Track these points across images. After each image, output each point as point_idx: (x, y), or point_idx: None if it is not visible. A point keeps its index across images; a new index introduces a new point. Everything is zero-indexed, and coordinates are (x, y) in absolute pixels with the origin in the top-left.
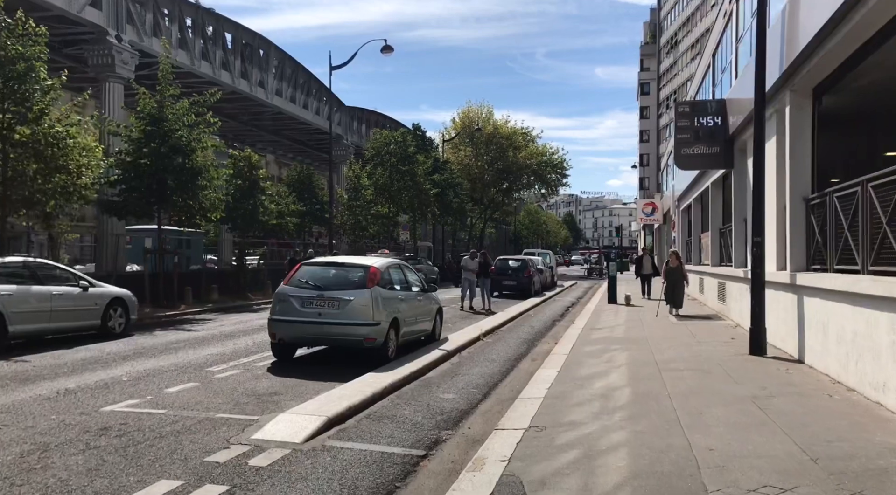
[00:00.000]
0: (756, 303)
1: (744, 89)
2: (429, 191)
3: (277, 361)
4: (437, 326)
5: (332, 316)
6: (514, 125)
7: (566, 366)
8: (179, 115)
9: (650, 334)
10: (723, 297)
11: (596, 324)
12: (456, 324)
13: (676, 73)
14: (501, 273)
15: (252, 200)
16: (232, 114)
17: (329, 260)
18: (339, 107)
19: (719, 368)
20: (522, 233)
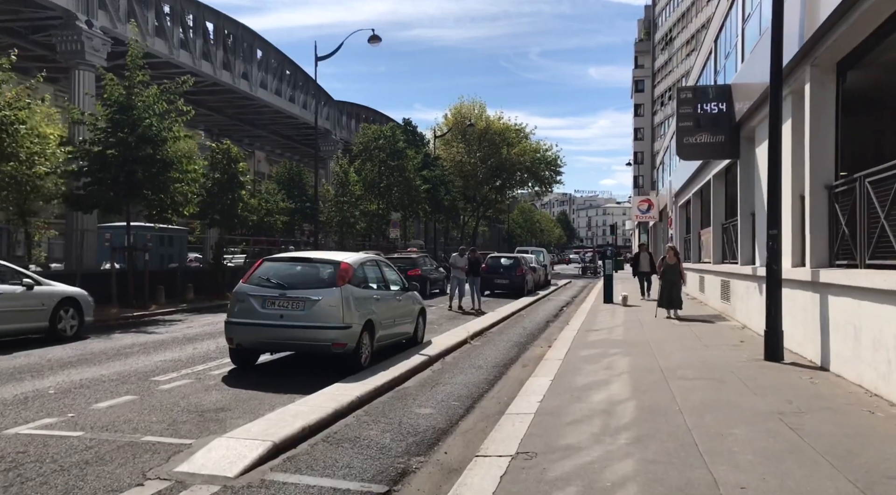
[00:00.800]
0: (772, 303)
1: (752, 72)
2: (419, 187)
3: (236, 369)
4: (420, 329)
5: (295, 318)
6: (507, 121)
7: (561, 373)
8: (149, 102)
9: (651, 337)
10: (726, 296)
11: (592, 326)
12: (442, 325)
13: (671, 69)
14: (493, 271)
15: (231, 195)
16: (216, 107)
17: (294, 255)
18: (327, 100)
19: (733, 376)
20: (516, 232)
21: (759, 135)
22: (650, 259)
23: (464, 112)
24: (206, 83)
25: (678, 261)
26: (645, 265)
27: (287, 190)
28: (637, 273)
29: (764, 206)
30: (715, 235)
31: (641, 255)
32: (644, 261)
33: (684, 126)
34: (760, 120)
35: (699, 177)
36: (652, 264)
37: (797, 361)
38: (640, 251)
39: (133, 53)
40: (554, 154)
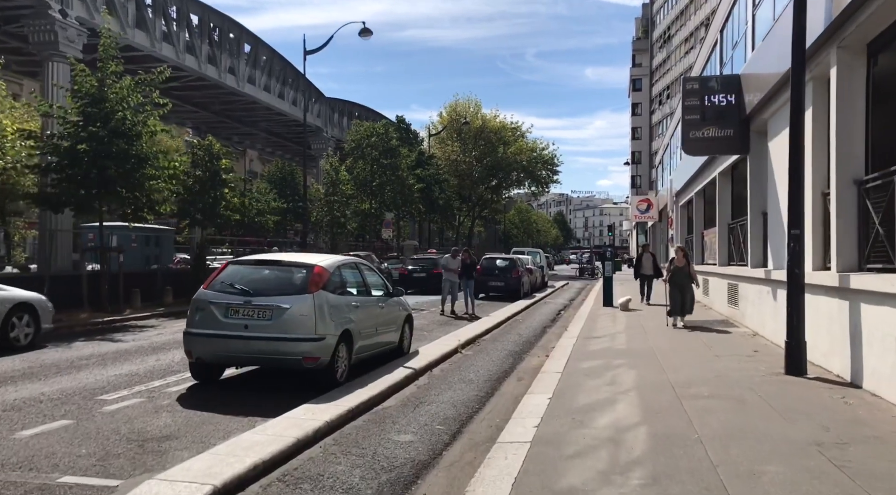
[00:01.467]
0: (794, 310)
1: (764, 60)
2: (412, 186)
3: (197, 385)
4: (406, 338)
5: (261, 328)
6: (503, 119)
7: (560, 390)
8: (122, 94)
9: (657, 345)
10: (734, 301)
11: (592, 332)
12: (433, 332)
13: (669, 68)
14: (488, 273)
15: (213, 193)
16: (202, 103)
17: (263, 257)
18: (318, 97)
19: (753, 395)
20: (513, 233)
21: (772, 128)
22: (653, 261)
23: (459, 110)
24: (191, 78)
25: (688, 263)
26: (647, 267)
27: (279, 189)
28: (639, 275)
29: (779, 205)
30: (721, 236)
31: (644, 257)
32: (647, 263)
33: (690, 119)
34: (774, 112)
35: (703, 175)
36: (655, 266)
37: (822, 376)
38: (643, 252)
39: (106, 42)
40: (551, 153)
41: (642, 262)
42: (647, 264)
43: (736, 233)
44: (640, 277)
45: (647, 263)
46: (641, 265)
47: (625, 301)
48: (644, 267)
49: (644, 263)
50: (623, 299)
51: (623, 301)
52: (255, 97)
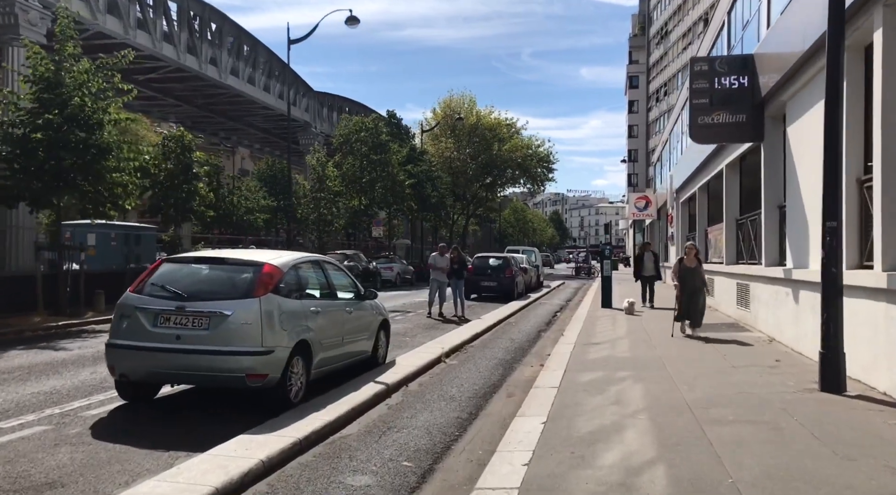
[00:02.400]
0: (831, 317)
1: (784, 36)
2: (403, 182)
3: (124, 406)
4: (381, 346)
5: (197, 339)
6: (498, 116)
7: (556, 410)
8: (82, 79)
9: (664, 353)
10: (744, 302)
11: (591, 337)
12: (416, 337)
13: (667, 64)
14: (480, 273)
15: (185, 188)
16: (184, 96)
17: (203, 254)
18: (306, 91)
19: (790, 420)
20: (508, 231)
21: (792, 112)
22: (655, 261)
23: (453, 106)
24: (170, 68)
25: (700, 263)
26: (649, 268)
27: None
28: (640, 276)
29: (800, 196)
30: (728, 232)
31: (645, 256)
32: (648, 264)
33: (698, 103)
34: (794, 93)
35: (707, 168)
36: (657, 267)
37: (866, 394)
38: (644, 251)
39: (63, 22)
40: (546, 150)
41: (643, 262)
42: (648, 264)
43: (745, 229)
44: (640, 278)
45: (649, 263)
46: (643, 265)
47: (629, 304)
48: (645, 267)
49: (645, 263)
50: (627, 302)
51: (627, 304)
52: (238, 90)
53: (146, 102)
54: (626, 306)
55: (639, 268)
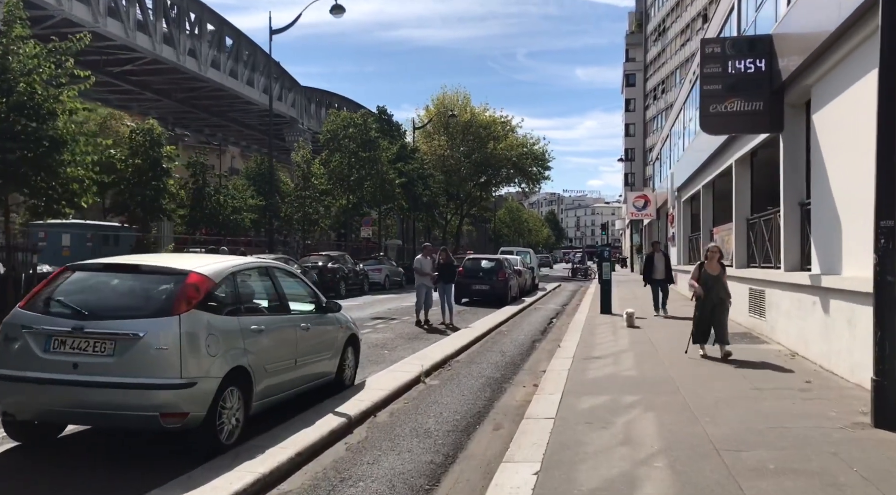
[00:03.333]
0: (887, 335)
1: (811, 12)
2: (393, 180)
3: (15, 450)
4: (349, 366)
5: (98, 368)
6: (492, 113)
7: (553, 454)
8: (30, 64)
9: (676, 373)
10: (758, 310)
11: (591, 350)
12: (395, 350)
13: (664, 61)
14: (471, 275)
15: (154, 185)
16: (163, 90)
17: (114, 260)
18: (292, 86)
19: (849, 471)
20: (503, 232)
21: (819, 97)
22: (666, 262)
23: (447, 103)
24: (145, 60)
25: (723, 269)
26: (660, 270)
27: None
28: (649, 280)
29: (829, 192)
30: (738, 233)
31: (655, 257)
32: (659, 265)
33: (710, 90)
34: (822, 75)
35: (713, 165)
36: (668, 269)
37: None
38: (654, 251)
39: (11, 2)
40: (542, 148)
41: (653, 264)
42: (659, 266)
43: (758, 230)
44: (651, 283)
45: (660, 265)
46: (653, 267)
47: (629, 315)
48: (656, 269)
49: (656, 265)
50: (626, 312)
51: (626, 315)
52: (220, 83)
53: (124, 97)
54: (626, 317)
55: (648, 270)
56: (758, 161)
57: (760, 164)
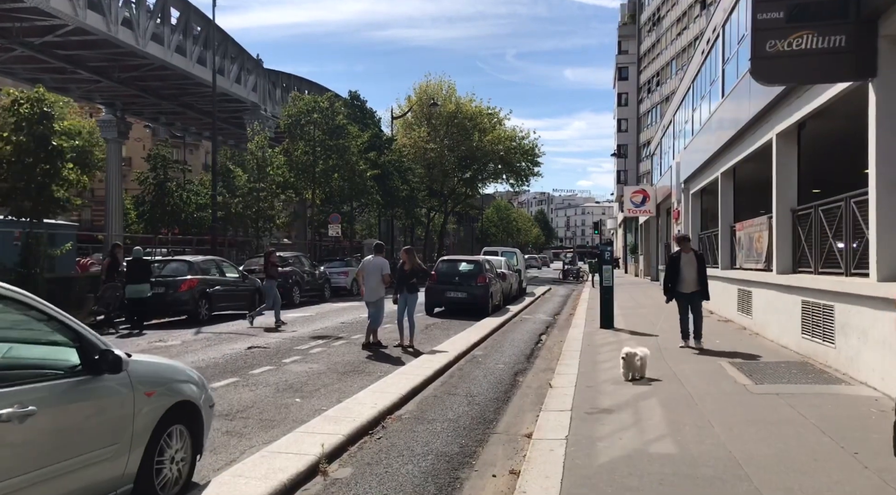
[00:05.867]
0: None
1: None
2: (364, 172)
3: None
4: (171, 462)
5: None
6: (479, 105)
7: None
8: None
9: (736, 444)
10: (818, 332)
11: (597, 393)
12: (313, 396)
13: (659, 52)
14: (445, 281)
15: (45, 168)
16: (99, 68)
17: None
18: (253, 68)
19: None
20: (491, 231)
21: None
22: (699, 267)
23: (430, 92)
24: (67, 28)
25: None
26: (690, 279)
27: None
28: (674, 294)
29: None
30: (780, 229)
31: (683, 260)
32: (688, 272)
33: (768, 20)
34: None
35: (738, 145)
36: (702, 277)
37: None
38: (681, 251)
39: None
40: (531, 142)
41: (680, 269)
42: (688, 273)
43: (813, 224)
44: (677, 298)
45: (690, 271)
46: (679, 275)
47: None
48: (684, 278)
49: (683, 271)
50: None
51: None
52: (163, 60)
53: (59, 77)
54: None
55: (673, 278)
56: (810, 133)
57: (813, 137)
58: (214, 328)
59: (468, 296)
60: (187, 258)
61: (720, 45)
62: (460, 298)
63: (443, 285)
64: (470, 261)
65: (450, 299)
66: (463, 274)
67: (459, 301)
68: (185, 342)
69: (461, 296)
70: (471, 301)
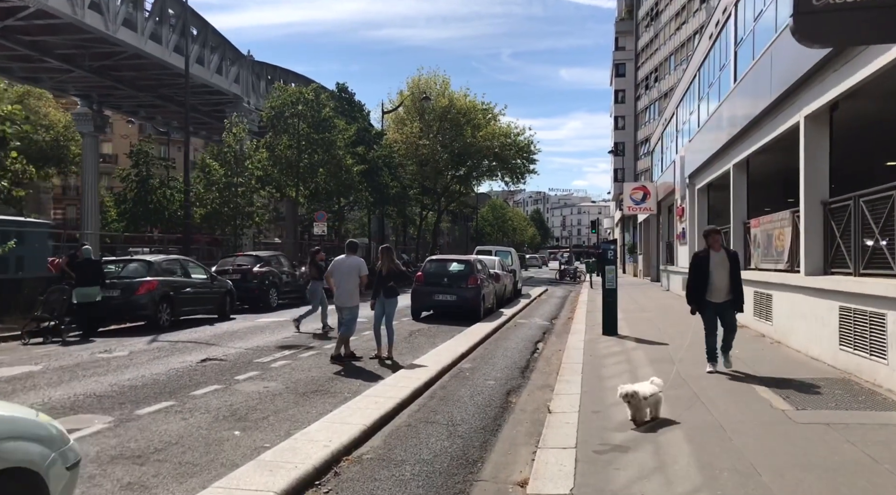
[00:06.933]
0: None
1: None
2: (351, 167)
3: None
4: None
5: None
6: (473, 99)
7: None
8: None
9: None
10: (870, 346)
11: (606, 427)
12: (256, 427)
13: (657, 47)
14: (433, 282)
15: None
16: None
17: None
18: (235, 58)
19: None
20: (486, 230)
21: None
22: (731, 268)
23: (422, 86)
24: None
25: None
26: (722, 285)
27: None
28: (699, 301)
29: None
30: (808, 223)
31: (712, 261)
32: (719, 276)
33: None
34: None
35: (755, 133)
36: (736, 282)
37: None
38: (710, 249)
39: None
40: (527, 138)
41: (710, 272)
42: (719, 277)
43: (848, 217)
44: (701, 307)
45: (721, 275)
46: (710, 279)
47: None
48: (714, 284)
49: (714, 276)
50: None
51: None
52: (136, 47)
53: (28, 65)
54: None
55: (699, 282)
56: (843, 115)
57: (849, 118)
58: (174, 335)
59: (458, 299)
60: (147, 258)
61: (731, 25)
62: (449, 301)
63: (430, 287)
64: (460, 261)
65: (438, 302)
66: (452, 275)
67: (448, 304)
68: (133, 353)
69: (450, 298)
70: (460, 304)
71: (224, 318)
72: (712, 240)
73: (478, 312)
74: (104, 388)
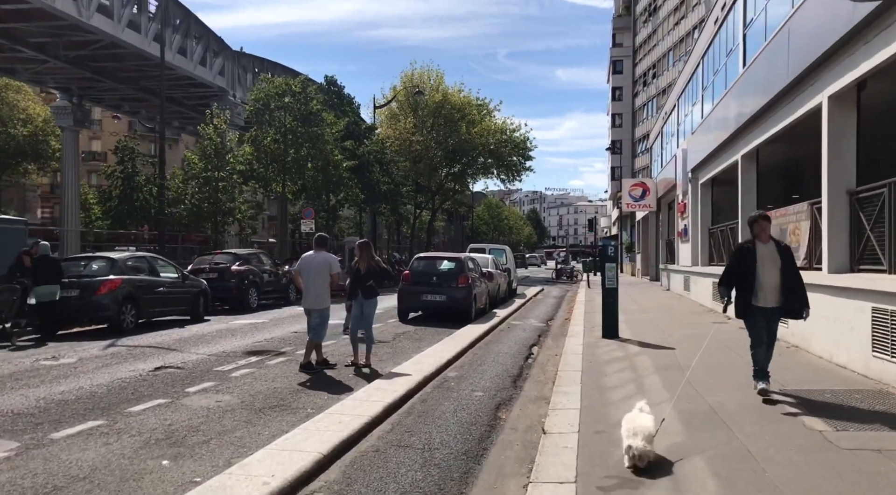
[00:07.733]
0: None
1: None
2: (340, 163)
3: None
4: None
5: None
6: (467, 95)
7: None
8: None
9: None
10: None
11: (611, 452)
12: (191, 455)
13: (655, 43)
14: (422, 281)
15: None
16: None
17: None
18: (220, 49)
19: None
20: (482, 229)
21: None
22: (783, 265)
23: (416, 81)
24: None
25: None
26: (770, 286)
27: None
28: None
29: None
30: (831, 216)
31: (760, 255)
32: (768, 274)
33: None
34: None
35: (769, 118)
36: (792, 282)
37: None
38: (757, 239)
39: None
40: (522, 135)
41: (756, 269)
42: (769, 275)
43: (880, 208)
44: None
45: (771, 272)
46: (756, 277)
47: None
48: (763, 285)
49: (762, 274)
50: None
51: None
52: (112, 36)
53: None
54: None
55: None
56: (871, 95)
57: (879, 98)
58: (135, 339)
59: (447, 300)
60: (111, 255)
61: (740, 7)
62: (438, 302)
63: (418, 286)
64: (450, 259)
65: (426, 303)
66: (442, 273)
67: (437, 305)
68: (82, 359)
69: (439, 299)
70: (450, 305)
71: (197, 320)
72: (759, 229)
73: (469, 313)
74: (27, 404)
